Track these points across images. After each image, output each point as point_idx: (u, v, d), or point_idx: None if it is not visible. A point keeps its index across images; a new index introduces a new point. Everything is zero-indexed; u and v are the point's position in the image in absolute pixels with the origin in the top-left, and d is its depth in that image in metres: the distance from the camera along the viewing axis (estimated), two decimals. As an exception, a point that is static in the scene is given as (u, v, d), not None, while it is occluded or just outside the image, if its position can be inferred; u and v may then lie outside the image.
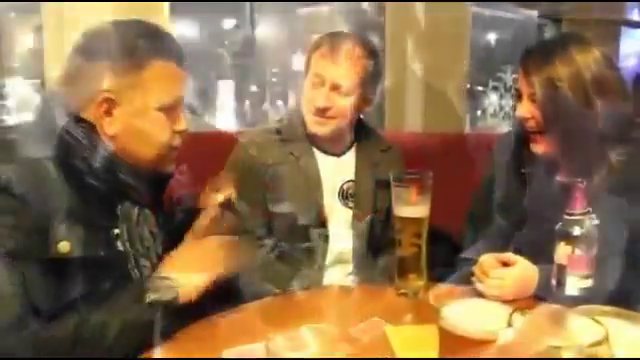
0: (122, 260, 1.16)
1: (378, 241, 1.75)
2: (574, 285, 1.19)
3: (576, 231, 1.18)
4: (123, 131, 1.15)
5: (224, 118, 4.44)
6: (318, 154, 1.70)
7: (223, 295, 1.20)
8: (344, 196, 1.72)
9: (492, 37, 5.50)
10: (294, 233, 1.64)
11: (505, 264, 1.36)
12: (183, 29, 3.84)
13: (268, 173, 1.64)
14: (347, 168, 1.73)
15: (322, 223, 1.66)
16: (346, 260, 1.72)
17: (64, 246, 1.04)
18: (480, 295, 1.32)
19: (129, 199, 1.18)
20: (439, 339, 0.80)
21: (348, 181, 1.72)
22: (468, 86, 3.52)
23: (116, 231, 1.15)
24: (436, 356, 0.81)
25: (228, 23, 4.76)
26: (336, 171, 1.71)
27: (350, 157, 1.75)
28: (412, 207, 1.36)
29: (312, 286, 1.56)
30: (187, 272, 1.13)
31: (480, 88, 5.44)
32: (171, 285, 1.10)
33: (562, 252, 1.20)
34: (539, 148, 1.44)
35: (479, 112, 5.58)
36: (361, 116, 1.76)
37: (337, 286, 1.65)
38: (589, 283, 1.19)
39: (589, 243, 1.18)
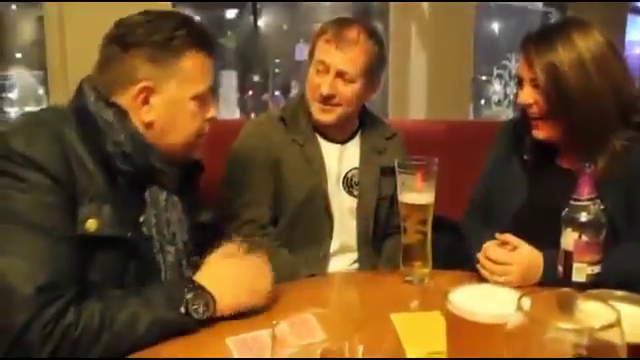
0: (147, 244, 1.17)
1: (382, 229, 1.74)
2: (581, 271, 1.18)
3: (583, 217, 1.17)
4: (158, 119, 1.17)
5: (226, 108, 4.44)
6: (322, 142, 1.69)
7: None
8: (348, 184, 1.71)
9: (496, 25, 5.47)
10: (298, 221, 1.64)
11: (505, 244, 1.35)
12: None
13: (272, 161, 1.63)
14: (351, 156, 1.72)
15: (326, 211, 1.66)
16: (350, 248, 1.71)
17: (91, 224, 1.05)
18: (485, 281, 1.31)
19: (157, 183, 1.20)
20: (446, 324, 0.79)
21: (352, 169, 1.72)
22: (472, 75, 3.50)
23: (143, 215, 1.17)
24: (443, 342, 0.80)
25: (231, 13, 4.74)
26: (340, 159, 1.70)
27: (354, 145, 1.74)
28: (417, 193, 1.35)
29: (317, 274, 1.56)
30: (225, 289, 1.12)
31: (484, 78, 5.42)
32: (209, 301, 1.09)
33: (569, 238, 1.18)
34: (541, 134, 1.43)
35: (483, 101, 5.56)
36: (365, 104, 1.75)
37: (342, 274, 1.65)
38: (596, 269, 1.18)
39: (596, 229, 1.17)
